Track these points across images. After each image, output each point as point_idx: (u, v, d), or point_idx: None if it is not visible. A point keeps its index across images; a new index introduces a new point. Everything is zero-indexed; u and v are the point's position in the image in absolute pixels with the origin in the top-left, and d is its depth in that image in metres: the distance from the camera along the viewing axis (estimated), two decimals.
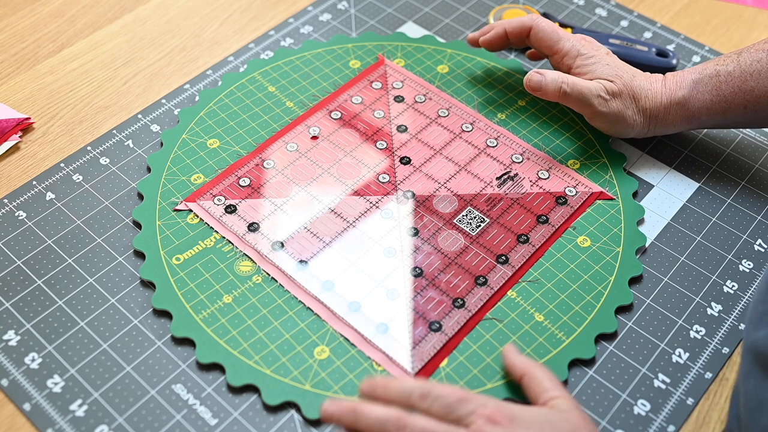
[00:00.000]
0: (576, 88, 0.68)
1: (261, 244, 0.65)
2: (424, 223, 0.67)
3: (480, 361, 0.59)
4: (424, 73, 0.79)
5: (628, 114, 0.68)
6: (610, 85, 0.68)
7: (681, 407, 0.58)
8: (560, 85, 0.68)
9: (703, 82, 0.67)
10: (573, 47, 0.70)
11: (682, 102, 0.68)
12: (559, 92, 0.68)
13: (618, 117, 0.68)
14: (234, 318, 0.61)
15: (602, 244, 0.66)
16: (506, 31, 0.73)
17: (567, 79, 0.68)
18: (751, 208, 0.70)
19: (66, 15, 0.85)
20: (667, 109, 0.68)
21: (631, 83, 0.68)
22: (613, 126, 0.70)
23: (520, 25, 0.73)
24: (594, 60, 0.69)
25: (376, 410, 0.50)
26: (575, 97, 0.68)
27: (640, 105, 0.68)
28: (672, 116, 0.69)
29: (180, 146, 0.72)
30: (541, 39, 0.71)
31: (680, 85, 0.68)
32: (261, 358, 0.59)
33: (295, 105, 0.76)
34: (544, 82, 0.69)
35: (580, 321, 0.61)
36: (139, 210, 0.67)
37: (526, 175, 0.71)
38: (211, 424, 0.56)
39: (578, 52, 0.70)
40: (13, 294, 0.62)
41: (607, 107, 0.68)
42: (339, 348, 0.60)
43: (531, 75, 0.69)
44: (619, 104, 0.68)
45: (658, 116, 0.69)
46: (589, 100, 0.68)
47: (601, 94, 0.68)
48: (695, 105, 0.67)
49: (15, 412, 0.56)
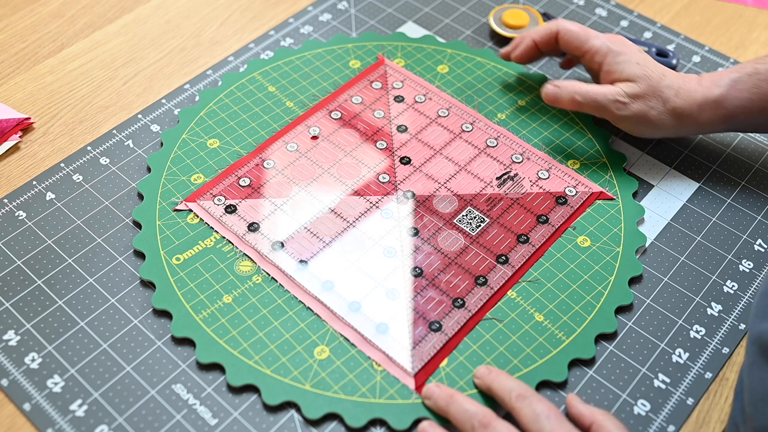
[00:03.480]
0: (589, 96, 0.68)
1: (261, 244, 0.65)
2: (424, 223, 0.67)
3: (480, 361, 0.59)
4: (424, 73, 0.79)
5: (653, 114, 0.67)
6: (631, 87, 0.67)
7: (681, 407, 0.58)
8: (573, 95, 0.69)
9: (741, 81, 0.66)
10: (603, 45, 0.69)
11: (718, 100, 0.66)
12: (573, 102, 0.69)
13: (641, 119, 0.68)
14: (234, 318, 0.61)
15: (602, 244, 0.66)
16: (534, 41, 0.73)
17: (581, 88, 0.69)
18: (751, 208, 0.70)
19: (66, 15, 0.85)
20: (701, 108, 0.66)
21: (659, 83, 0.67)
22: (637, 127, 0.69)
23: (547, 31, 0.72)
24: (624, 58, 0.68)
25: (468, 402, 0.54)
26: (590, 105, 0.69)
27: (669, 105, 0.67)
28: (707, 115, 0.67)
29: (180, 146, 0.72)
30: (570, 40, 0.71)
31: (717, 83, 0.66)
32: (261, 358, 0.59)
33: (295, 105, 0.76)
34: (559, 94, 0.70)
35: (580, 321, 0.61)
36: (139, 210, 0.67)
37: (526, 175, 0.71)
38: (211, 424, 0.56)
39: (608, 49, 0.69)
40: (13, 294, 0.62)
41: (627, 110, 0.67)
42: (339, 348, 0.60)
43: (546, 88, 0.70)
44: (642, 105, 0.67)
45: (692, 115, 0.67)
46: (606, 106, 0.68)
47: (619, 99, 0.67)
48: (733, 103, 0.66)
49: (15, 412, 0.56)
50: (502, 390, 0.55)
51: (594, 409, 0.54)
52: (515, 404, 0.53)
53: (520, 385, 0.55)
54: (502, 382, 0.55)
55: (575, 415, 0.54)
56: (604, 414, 0.53)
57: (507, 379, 0.56)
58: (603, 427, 0.52)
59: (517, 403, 0.53)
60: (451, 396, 0.55)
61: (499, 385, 0.55)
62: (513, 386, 0.55)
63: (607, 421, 0.53)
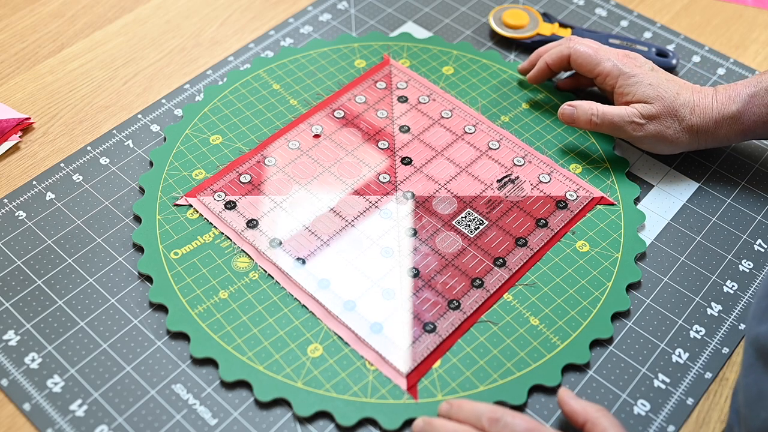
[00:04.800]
0: (606, 118, 0.69)
1: (259, 240, 0.65)
2: (423, 224, 0.67)
3: (473, 363, 0.59)
4: (429, 74, 0.79)
5: (669, 134, 0.68)
6: (646, 108, 0.67)
7: (681, 407, 0.58)
8: (590, 117, 0.69)
9: (759, 96, 0.66)
10: (614, 67, 0.70)
11: (735, 116, 0.67)
12: (590, 123, 0.70)
13: (657, 138, 0.68)
14: (229, 314, 0.61)
15: (601, 250, 0.66)
16: (548, 64, 0.74)
17: (597, 110, 0.69)
18: (751, 208, 0.70)
19: (66, 15, 0.85)
20: (718, 124, 0.67)
21: (673, 103, 0.67)
22: (655, 146, 0.69)
23: (559, 55, 0.73)
24: (636, 80, 0.68)
25: (447, 425, 0.54)
26: (607, 126, 0.69)
27: (684, 123, 0.67)
28: (724, 131, 0.68)
29: (183, 141, 0.72)
30: (581, 65, 0.72)
31: (733, 99, 0.67)
32: (254, 354, 0.59)
33: (298, 103, 0.76)
34: (576, 114, 0.70)
35: (576, 326, 0.61)
36: (140, 204, 0.67)
37: (527, 178, 0.70)
38: (211, 423, 0.56)
39: (620, 72, 0.69)
40: (13, 294, 0.62)
41: (643, 131, 0.68)
42: (332, 346, 0.60)
43: (563, 108, 0.71)
44: (658, 126, 0.67)
45: (708, 131, 0.68)
46: (622, 128, 0.68)
47: (635, 120, 0.68)
48: (750, 119, 0.67)
49: (15, 412, 0.56)
50: (470, 418, 0.54)
51: (587, 405, 0.53)
52: (491, 430, 0.52)
53: (487, 407, 0.54)
54: (466, 410, 0.54)
55: (568, 412, 0.54)
56: (597, 410, 0.53)
57: (470, 405, 0.54)
58: (597, 425, 0.52)
59: (493, 429, 0.52)
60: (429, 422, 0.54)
61: (465, 414, 0.54)
62: (481, 410, 0.53)
63: (601, 417, 0.52)
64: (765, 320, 0.48)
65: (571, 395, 0.54)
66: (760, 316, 0.49)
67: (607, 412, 0.53)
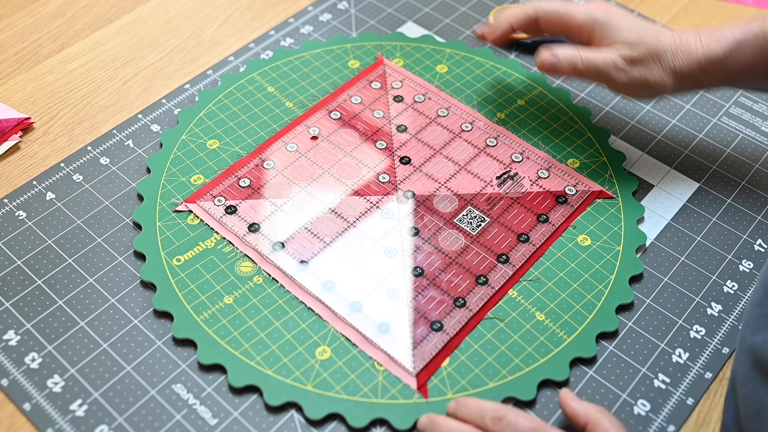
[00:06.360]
0: (591, 63, 0.66)
1: (261, 244, 0.65)
2: (425, 223, 0.67)
3: (482, 360, 0.59)
4: (423, 72, 0.79)
5: (654, 78, 0.65)
6: (628, 53, 0.65)
7: (681, 407, 0.58)
8: (573, 62, 0.66)
9: (747, 43, 0.63)
10: (587, 17, 0.67)
11: (721, 60, 0.63)
12: (574, 70, 0.67)
13: (642, 84, 0.65)
14: (235, 319, 0.61)
15: (602, 243, 0.66)
16: (511, 25, 0.72)
17: (582, 55, 0.66)
18: (751, 208, 0.70)
19: (66, 15, 0.85)
20: (702, 68, 0.64)
21: (655, 45, 0.64)
22: (638, 93, 0.67)
23: (524, 15, 0.70)
24: (613, 26, 0.66)
25: (450, 423, 0.54)
26: (591, 73, 0.66)
27: (668, 66, 0.64)
28: (709, 75, 0.64)
29: (180, 147, 0.72)
30: (552, 23, 0.69)
31: (719, 41, 0.63)
32: (262, 358, 0.59)
33: (294, 105, 0.76)
34: (558, 63, 0.67)
35: (581, 320, 0.61)
36: (140, 211, 0.67)
37: (526, 174, 0.71)
38: (211, 424, 0.56)
39: (594, 21, 0.66)
40: (13, 294, 0.62)
41: (628, 76, 0.65)
42: (340, 348, 0.60)
43: (544, 56, 0.67)
44: (642, 70, 0.65)
45: (692, 75, 0.64)
46: (607, 74, 0.65)
47: (619, 65, 0.65)
48: (736, 66, 0.63)
49: (15, 412, 0.56)
50: (474, 417, 0.54)
51: (588, 406, 0.53)
52: (494, 429, 0.52)
53: (491, 406, 0.54)
54: (471, 409, 0.54)
55: (569, 414, 0.54)
56: (598, 411, 0.53)
57: (475, 403, 0.55)
58: (598, 426, 0.52)
59: (496, 427, 0.52)
60: (432, 420, 0.55)
61: (470, 412, 0.54)
62: (485, 409, 0.53)
63: (602, 418, 0.52)
64: (759, 329, 0.48)
65: (572, 396, 0.54)
66: (754, 325, 0.48)
67: (608, 413, 0.53)
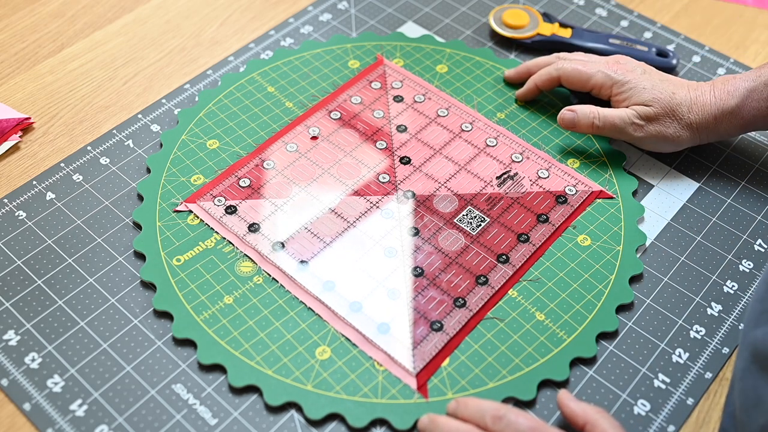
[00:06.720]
0: (608, 120, 0.69)
1: (261, 244, 0.65)
2: (425, 223, 0.67)
3: (482, 360, 0.59)
4: (423, 72, 0.79)
5: (670, 133, 0.68)
6: (644, 110, 0.68)
7: (681, 407, 0.58)
8: (592, 120, 0.70)
9: (758, 90, 0.66)
10: (606, 78, 0.70)
11: (734, 111, 0.67)
12: (592, 127, 0.70)
13: (658, 138, 0.69)
14: (235, 319, 0.61)
15: (602, 243, 0.66)
16: (537, 85, 0.75)
17: (598, 113, 0.70)
18: (751, 208, 0.70)
19: (66, 15, 0.85)
20: (717, 119, 0.68)
21: (670, 102, 0.68)
22: (657, 146, 0.70)
23: (548, 77, 0.74)
24: (630, 86, 0.69)
25: (450, 423, 0.54)
26: (608, 129, 0.70)
27: (684, 121, 0.68)
28: (725, 125, 0.68)
29: (179, 147, 0.72)
30: (573, 83, 0.73)
31: (732, 93, 0.67)
32: (262, 358, 0.59)
33: (294, 105, 0.76)
34: (577, 119, 0.71)
35: (581, 320, 0.61)
36: (140, 211, 0.67)
37: (526, 174, 0.71)
38: (211, 424, 0.56)
39: (613, 81, 0.70)
40: (13, 294, 0.62)
41: (644, 132, 0.69)
42: (340, 348, 0.59)
43: (564, 114, 0.71)
44: (658, 127, 0.68)
45: (708, 127, 0.68)
46: (623, 130, 0.69)
47: (635, 121, 0.68)
48: (749, 113, 0.67)
49: (15, 412, 0.56)
50: (474, 416, 0.54)
51: (586, 407, 0.53)
52: (494, 428, 0.52)
53: (492, 405, 0.54)
54: (471, 408, 0.54)
55: (568, 414, 0.54)
56: (597, 411, 0.53)
57: (476, 403, 0.55)
58: (597, 427, 0.52)
59: (496, 427, 0.52)
60: (433, 420, 0.55)
61: (470, 412, 0.54)
62: (485, 408, 0.54)
63: (600, 419, 0.52)
64: (760, 324, 0.48)
65: (571, 397, 0.54)
66: (756, 320, 0.49)
67: (606, 414, 0.53)
